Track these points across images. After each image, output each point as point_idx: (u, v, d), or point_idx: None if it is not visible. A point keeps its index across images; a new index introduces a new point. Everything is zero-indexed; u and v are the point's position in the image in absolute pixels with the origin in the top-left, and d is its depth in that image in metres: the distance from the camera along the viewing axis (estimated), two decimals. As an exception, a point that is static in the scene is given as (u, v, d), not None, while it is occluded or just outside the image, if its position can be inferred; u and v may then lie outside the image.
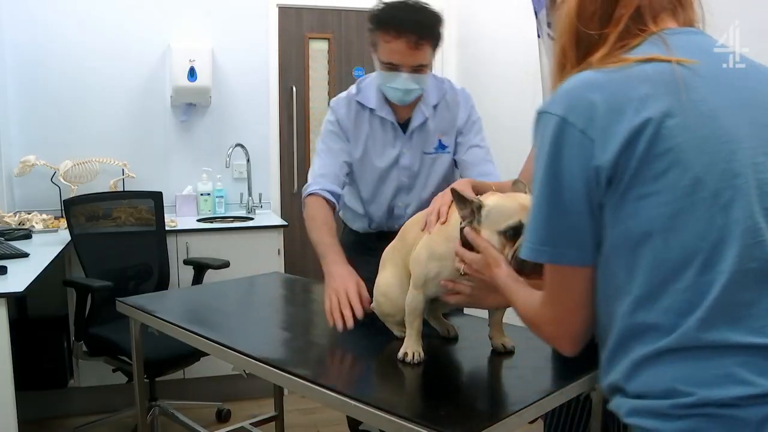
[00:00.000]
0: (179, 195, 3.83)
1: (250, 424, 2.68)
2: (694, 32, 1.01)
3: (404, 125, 2.10)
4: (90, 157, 3.62)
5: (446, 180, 2.12)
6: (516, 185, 1.40)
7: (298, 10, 4.05)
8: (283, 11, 4.03)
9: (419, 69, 1.94)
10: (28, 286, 2.25)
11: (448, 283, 1.40)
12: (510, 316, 1.36)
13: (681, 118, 0.90)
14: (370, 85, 2.10)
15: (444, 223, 1.43)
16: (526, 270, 1.18)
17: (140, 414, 2.12)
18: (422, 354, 1.46)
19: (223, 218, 3.81)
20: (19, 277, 2.36)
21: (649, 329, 0.91)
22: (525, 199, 1.28)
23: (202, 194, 3.85)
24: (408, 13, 1.89)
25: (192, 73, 3.67)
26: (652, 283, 0.91)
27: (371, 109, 2.08)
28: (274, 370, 1.48)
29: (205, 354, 2.07)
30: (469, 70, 4.14)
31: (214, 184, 3.89)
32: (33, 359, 3.10)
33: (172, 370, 2.99)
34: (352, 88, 2.13)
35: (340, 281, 1.69)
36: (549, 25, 1.64)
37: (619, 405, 0.96)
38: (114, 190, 3.62)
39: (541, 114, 0.97)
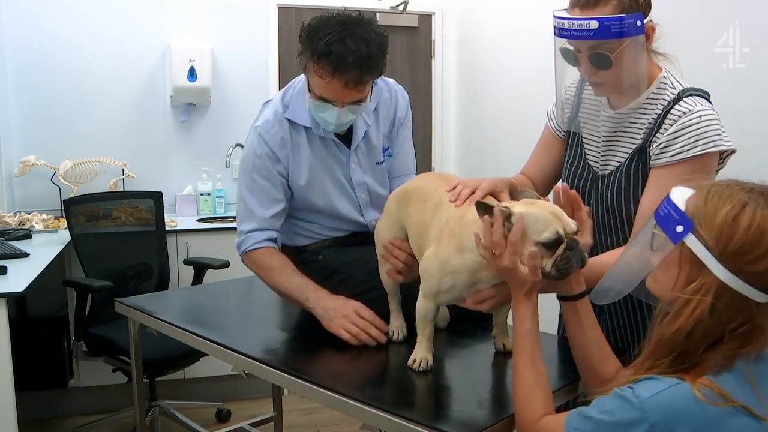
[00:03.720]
0: (179, 195, 3.83)
1: (250, 424, 2.68)
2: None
3: (345, 137, 1.87)
4: (90, 157, 3.62)
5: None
6: (523, 194, 1.36)
7: (298, 10, 4.05)
8: (283, 11, 4.03)
9: (357, 102, 1.70)
10: (28, 286, 2.26)
11: (475, 296, 1.34)
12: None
13: None
14: (299, 97, 1.80)
15: (458, 205, 1.38)
16: (559, 279, 1.24)
17: (139, 414, 2.12)
18: (431, 361, 1.43)
19: (223, 218, 3.81)
20: (19, 277, 2.36)
21: None
22: (551, 206, 1.25)
23: (202, 194, 3.85)
24: (348, 47, 1.57)
25: (192, 73, 3.67)
26: None
27: (306, 127, 1.82)
28: (274, 370, 1.48)
29: (204, 354, 2.07)
30: (469, 70, 4.14)
31: (214, 184, 3.89)
32: (33, 359, 3.10)
33: (172, 370, 2.99)
34: (277, 104, 1.83)
35: (344, 310, 1.60)
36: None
37: None
38: (114, 190, 3.62)
39: (634, 408, 0.96)
